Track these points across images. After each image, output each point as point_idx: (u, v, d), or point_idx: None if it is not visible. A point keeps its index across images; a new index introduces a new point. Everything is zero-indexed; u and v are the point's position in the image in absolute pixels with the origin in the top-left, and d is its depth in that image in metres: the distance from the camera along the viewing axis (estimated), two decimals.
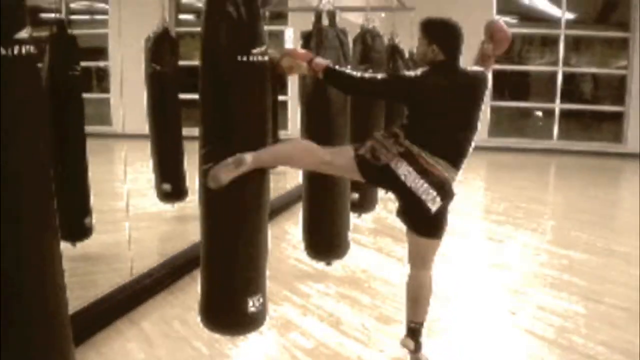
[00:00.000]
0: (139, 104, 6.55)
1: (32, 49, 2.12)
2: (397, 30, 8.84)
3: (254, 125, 3.26)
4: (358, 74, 3.42)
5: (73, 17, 15.69)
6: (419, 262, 3.54)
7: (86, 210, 5.45)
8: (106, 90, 15.28)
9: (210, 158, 3.17)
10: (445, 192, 3.28)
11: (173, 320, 4.22)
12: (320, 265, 5.09)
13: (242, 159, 3.07)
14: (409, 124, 3.33)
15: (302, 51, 3.53)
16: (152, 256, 5.24)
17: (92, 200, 5.38)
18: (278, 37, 11.18)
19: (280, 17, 12.09)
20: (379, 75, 3.43)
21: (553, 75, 13.62)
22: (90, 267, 5.30)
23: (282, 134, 9.30)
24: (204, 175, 3.17)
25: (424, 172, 3.20)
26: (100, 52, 14.94)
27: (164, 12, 6.57)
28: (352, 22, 6.83)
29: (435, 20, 3.44)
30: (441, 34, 3.32)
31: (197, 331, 3.67)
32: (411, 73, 3.38)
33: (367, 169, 3.32)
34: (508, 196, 9.00)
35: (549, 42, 14.06)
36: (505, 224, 7.21)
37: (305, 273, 5.23)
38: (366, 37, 6.24)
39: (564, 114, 13.75)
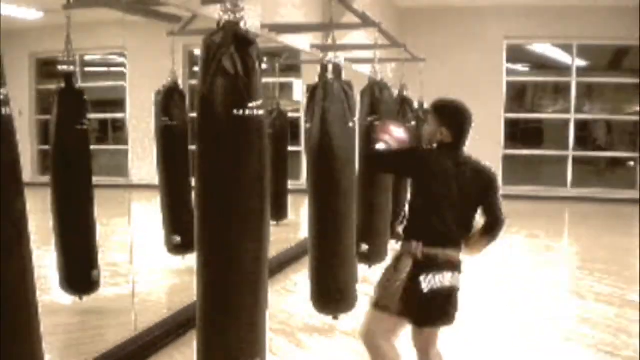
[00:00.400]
0: (154, 156, 6.61)
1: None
2: (407, 80, 8.93)
3: (249, 182, 3.22)
4: (377, 148, 3.44)
5: (90, 69, 16.07)
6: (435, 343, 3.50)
7: (93, 264, 5.44)
8: (123, 141, 15.51)
9: (208, 215, 3.17)
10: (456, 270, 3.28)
11: None
12: (329, 319, 5.02)
13: None
14: (411, 213, 3.33)
15: (399, 136, 3.49)
16: (160, 310, 5.20)
17: (104, 252, 5.32)
18: (291, 88, 11.30)
19: (292, 69, 12.21)
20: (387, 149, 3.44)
21: (566, 122, 13.58)
22: (97, 321, 5.28)
23: (294, 184, 9.29)
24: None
25: (450, 265, 3.20)
26: (117, 104, 15.20)
27: (174, 65, 6.65)
28: (363, 73, 6.86)
29: (447, 102, 3.45)
30: (451, 117, 3.32)
31: None
32: (419, 149, 3.41)
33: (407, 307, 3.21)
34: (520, 245, 8.89)
35: (562, 90, 14.07)
36: (515, 274, 7.11)
37: (312, 327, 5.15)
38: (374, 89, 6.27)
39: (578, 160, 13.67)
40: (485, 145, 13.43)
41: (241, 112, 3.11)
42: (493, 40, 13.15)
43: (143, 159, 7.44)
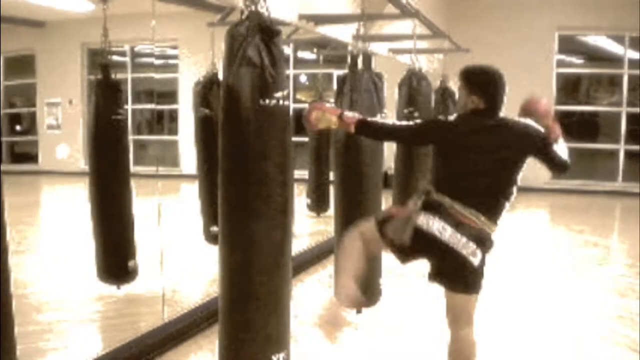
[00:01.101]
0: None
1: None
2: (452, 71, 8.81)
3: (274, 172, 3.23)
4: (390, 122, 3.42)
5: (145, 60, 16.34)
6: (463, 320, 3.30)
7: (130, 253, 5.53)
8: (175, 132, 15.75)
9: (229, 200, 3.19)
10: (483, 244, 3.16)
11: None
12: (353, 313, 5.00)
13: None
14: (439, 176, 3.27)
15: (331, 106, 3.52)
16: (196, 299, 5.25)
17: (146, 241, 5.42)
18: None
19: (343, 60, 12.16)
20: (412, 122, 3.41)
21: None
22: (132, 309, 5.37)
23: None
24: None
25: (459, 225, 3.09)
26: (172, 96, 15.44)
27: (214, 56, 6.68)
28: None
29: (474, 68, 3.38)
30: (481, 83, 3.24)
31: None
32: (445, 118, 3.34)
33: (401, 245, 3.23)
34: (565, 241, 8.72)
35: (618, 82, 13.70)
36: (557, 271, 6.98)
37: (342, 319, 5.12)
38: (412, 80, 6.21)
39: (632, 154, 13.32)
40: None
41: (267, 102, 3.12)
42: (544, 31, 12.91)
43: (193, 149, 7.49)
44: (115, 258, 5.45)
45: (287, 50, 14.19)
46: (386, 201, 5.14)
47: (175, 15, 10.80)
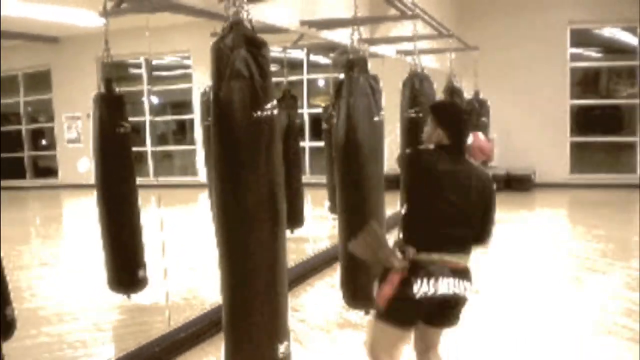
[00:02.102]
0: None
1: None
2: (462, 69, 8.84)
3: (271, 178, 3.28)
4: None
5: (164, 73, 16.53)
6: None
7: (140, 263, 5.61)
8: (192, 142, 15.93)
9: (223, 204, 3.25)
10: (470, 279, 3.12)
11: None
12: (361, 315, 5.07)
13: None
14: (408, 220, 3.20)
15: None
16: (203, 307, 5.32)
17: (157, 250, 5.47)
18: None
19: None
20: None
21: None
22: (145, 317, 5.45)
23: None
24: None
25: (455, 273, 3.02)
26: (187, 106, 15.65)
27: None
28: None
29: (443, 104, 3.57)
30: (448, 119, 3.21)
31: None
32: (416, 152, 3.34)
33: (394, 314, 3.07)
34: (581, 235, 8.66)
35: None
36: (571, 265, 6.96)
37: (348, 321, 5.19)
38: (414, 81, 6.22)
39: None
40: (550, 133, 13.21)
41: (259, 113, 3.16)
42: (555, 26, 12.82)
43: None
44: (125, 268, 5.54)
45: (301, 55, 14.30)
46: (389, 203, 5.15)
47: (188, 26, 10.93)
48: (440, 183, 3.09)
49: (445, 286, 2.97)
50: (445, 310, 3.11)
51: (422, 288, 2.94)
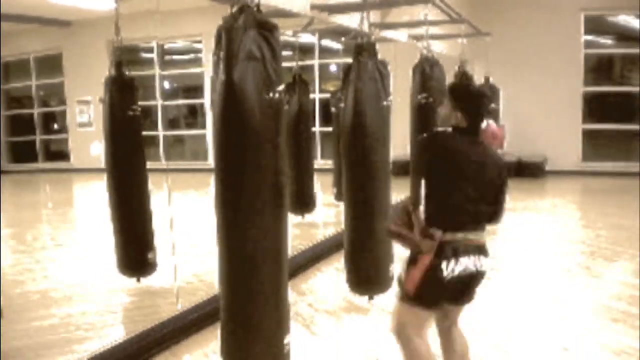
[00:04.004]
0: None
1: None
2: (475, 55, 8.78)
3: (275, 162, 3.27)
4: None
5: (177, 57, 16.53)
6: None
7: (149, 246, 5.63)
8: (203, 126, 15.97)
9: (228, 189, 3.24)
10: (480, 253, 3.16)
11: (213, 355, 4.27)
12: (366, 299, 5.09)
13: None
14: (428, 202, 3.20)
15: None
16: (212, 290, 5.33)
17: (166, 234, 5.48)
18: None
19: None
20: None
21: None
22: (154, 300, 5.49)
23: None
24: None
25: (478, 249, 3.10)
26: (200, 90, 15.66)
27: None
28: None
29: (462, 86, 3.49)
30: (466, 101, 3.22)
31: None
32: (434, 134, 3.32)
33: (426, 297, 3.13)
34: (592, 223, 8.63)
35: None
36: (581, 253, 6.94)
37: (355, 306, 5.20)
38: (424, 66, 6.20)
39: None
40: (562, 120, 13.14)
41: (271, 95, 3.15)
42: (569, 12, 12.73)
43: None
44: (134, 251, 5.57)
45: (312, 39, 14.26)
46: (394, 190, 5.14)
47: (199, 10, 10.91)
48: (458, 163, 3.13)
49: (471, 263, 3.06)
50: (468, 288, 3.18)
51: (449, 269, 3.02)
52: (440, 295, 3.12)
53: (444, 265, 3.01)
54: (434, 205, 3.17)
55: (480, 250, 3.12)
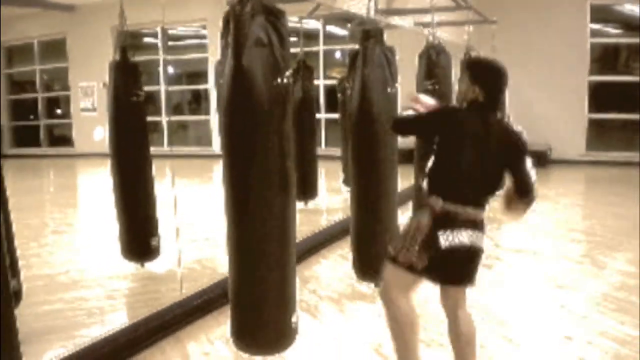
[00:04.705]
0: None
1: None
2: (481, 42, 8.73)
3: (283, 146, 3.28)
4: (402, 113, 3.41)
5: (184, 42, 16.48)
6: (464, 302, 3.38)
7: (153, 232, 5.63)
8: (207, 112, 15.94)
9: (236, 174, 3.25)
10: (478, 229, 3.19)
11: (217, 340, 4.27)
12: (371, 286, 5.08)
13: None
14: (434, 172, 3.24)
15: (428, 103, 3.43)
16: (216, 276, 5.33)
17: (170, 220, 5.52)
18: None
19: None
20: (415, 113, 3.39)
21: None
22: (157, 286, 5.49)
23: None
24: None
25: (474, 224, 3.13)
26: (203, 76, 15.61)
27: None
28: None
29: (481, 60, 3.47)
30: (485, 76, 3.23)
31: (238, 351, 3.67)
32: (447, 106, 3.31)
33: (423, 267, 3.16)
34: (595, 213, 8.62)
35: None
36: (583, 242, 6.93)
37: (359, 293, 5.19)
38: (430, 53, 6.17)
39: None
40: (567, 110, 13.09)
41: (279, 81, 3.16)
42: (575, 0, 12.65)
43: None
44: (138, 236, 5.57)
45: (317, 26, 14.21)
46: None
47: None
48: (466, 139, 3.14)
49: (466, 237, 3.09)
50: (462, 264, 3.19)
51: (449, 238, 3.06)
52: (434, 264, 3.11)
53: (440, 233, 3.06)
54: (437, 173, 3.22)
55: (476, 225, 3.14)
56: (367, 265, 4.86)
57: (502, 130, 3.24)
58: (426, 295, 3.82)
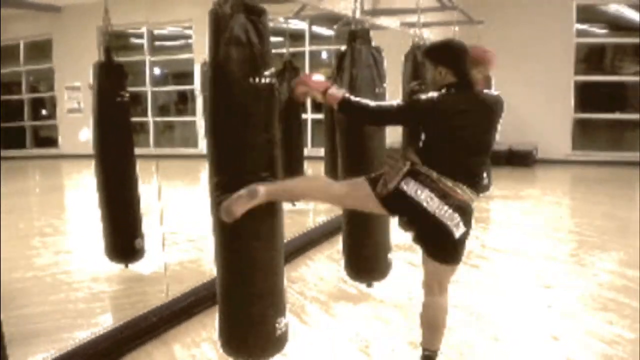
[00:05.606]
0: None
1: None
2: (467, 43, 8.73)
3: (265, 149, 3.24)
4: (373, 103, 3.37)
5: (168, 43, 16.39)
6: (436, 288, 3.44)
7: (137, 232, 5.59)
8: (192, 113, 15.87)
9: (221, 187, 3.20)
10: (468, 216, 3.21)
11: (203, 343, 4.24)
12: (363, 287, 5.04)
13: (254, 191, 3.07)
14: (425, 149, 3.24)
15: (318, 80, 3.44)
16: (202, 278, 5.30)
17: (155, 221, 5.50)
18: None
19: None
20: (395, 102, 3.37)
21: None
22: (143, 287, 5.45)
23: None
24: (216, 206, 3.19)
25: (446, 197, 3.11)
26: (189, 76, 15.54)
27: None
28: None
29: (436, 43, 3.47)
30: (444, 55, 3.26)
31: (224, 355, 3.64)
32: (428, 95, 3.27)
33: (388, 201, 3.23)
34: (582, 212, 8.65)
35: None
36: (570, 242, 6.94)
37: (346, 294, 5.17)
38: (416, 54, 6.17)
39: None
40: (553, 109, 13.16)
41: (257, 80, 3.12)
42: (561, 0, 12.69)
43: None
44: (122, 237, 5.53)
45: (303, 26, 14.18)
46: None
47: None
48: (452, 121, 3.15)
49: (427, 200, 3.11)
50: (423, 226, 3.22)
51: (410, 186, 3.13)
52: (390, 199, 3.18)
53: (408, 179, 3.13)
54: (427, 153, 3.21)
55: (461, 209, 3.14)
56: (358, 265, 4.84)
57: (484, 100, 3.29)
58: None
